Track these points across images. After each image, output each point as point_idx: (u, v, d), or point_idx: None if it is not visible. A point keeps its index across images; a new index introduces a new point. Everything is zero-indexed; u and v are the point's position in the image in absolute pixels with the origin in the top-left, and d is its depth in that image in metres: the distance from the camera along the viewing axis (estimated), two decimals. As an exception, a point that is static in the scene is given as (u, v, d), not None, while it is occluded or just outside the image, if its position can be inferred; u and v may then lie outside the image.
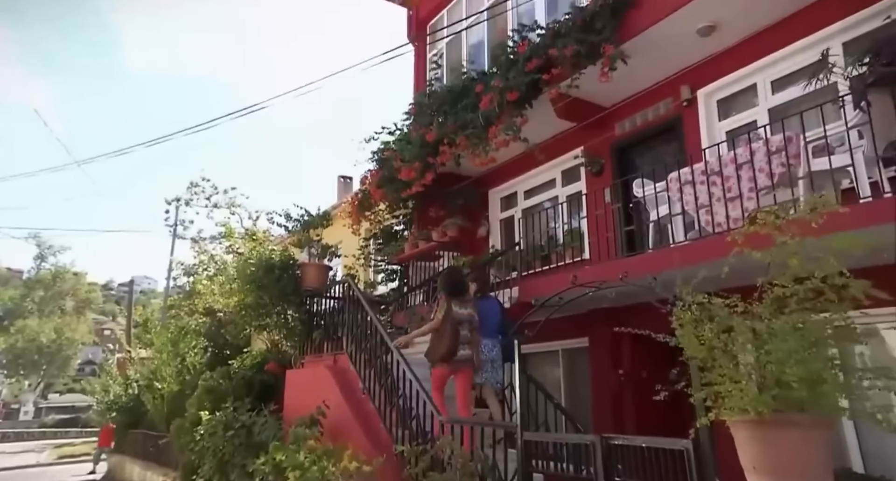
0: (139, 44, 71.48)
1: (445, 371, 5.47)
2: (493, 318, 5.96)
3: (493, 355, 5.87)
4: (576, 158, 8.16)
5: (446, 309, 5.39)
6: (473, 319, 5.55)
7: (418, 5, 10.85)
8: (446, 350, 5.30)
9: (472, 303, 5.67)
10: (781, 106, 5.83)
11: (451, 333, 5.30)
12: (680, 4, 5.75)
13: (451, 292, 5.53)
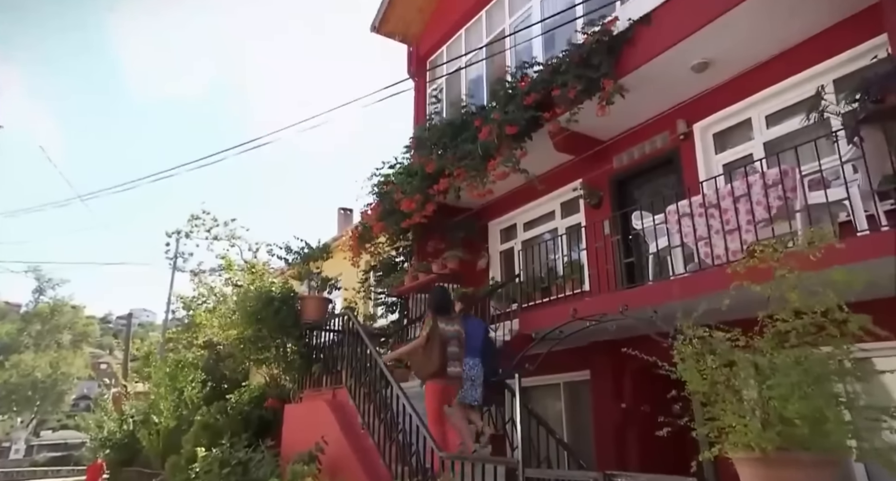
0: (145, 76, 73.11)
1: (440, 385, 5.47)
2: (477, 338, 6.02)
3: (473, 374, 5.88)
4: (575, 190, 8.22)
5: (432, 326, 5.49)
6: (461, 336, 5.65)
7: (418, 42, 11.10)
8: (437, 366, 5.36)
9: (458, 321, 5.78)
10: (776, 140, 5.92)
11: (439, 349, 5.39)
12: (673, 42, 5.89)
13: (437, 309, 5.67)
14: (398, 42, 11.27)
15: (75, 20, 65.04)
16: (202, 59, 74.56)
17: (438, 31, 10.60)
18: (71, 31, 68.28)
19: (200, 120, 72.75)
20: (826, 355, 2.46)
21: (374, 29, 11.10)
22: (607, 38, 6.49)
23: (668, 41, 5.97)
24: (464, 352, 5.63)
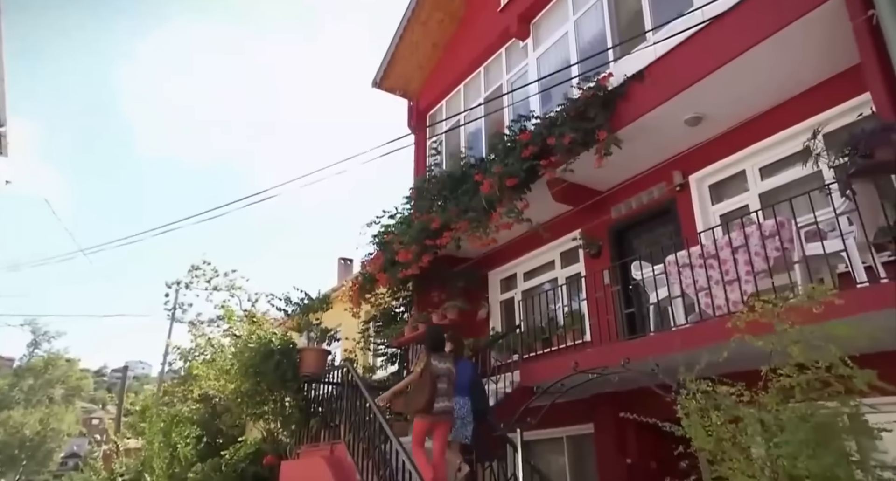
0: (151, 132, 74.49)
1: (425, 423, 5.53)
2: (465, 376, 6.13)
3: (462, 412, 5.96)
4: (574, 240, 8.27)
5: (426, 362, 5.61)
6: (451, 373, 5.78)
7: (418, 97, 11.43)
8: (425, 402, 5.43)
9: (450, 359, 5.93)
10: (771, 191, 6.01)
11: (430, 386, 5.49)
12: (665, 98, 6.07)
13: (431, 347, 5.84)
14: (399, 97, 11.60)
15: (88, 77, 67.14)
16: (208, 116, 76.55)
17: (438, 86, 10.93)
18: (84, 87, 70.41)
19: (204, 176, 73.91)
20: (833, 411, 2.43)
21: (376, 84, 11.45)
22: (602, 93, 6.68)
23: (660, 97, 6.15)
24: (453, 390, 5.77)
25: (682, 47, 6.02)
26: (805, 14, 4.83)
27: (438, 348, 5.87)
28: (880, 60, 4.20)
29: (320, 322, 8.36)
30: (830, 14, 4.74)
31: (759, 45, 5.17)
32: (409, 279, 9.14)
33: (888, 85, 4.12)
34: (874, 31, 4.25)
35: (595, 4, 7.84)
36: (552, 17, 8.69)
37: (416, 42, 10.96)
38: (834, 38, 4.85)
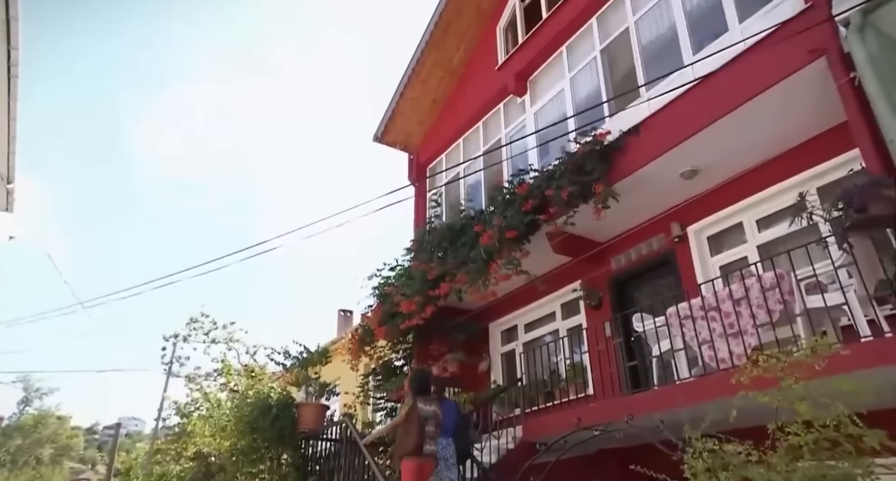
0: (158, 188, 75.38)
1: (416, 463, 5.48)
2: (450, 418, 6.12)
3: (447, 454, 5.90)
4: (574, 291, 8.26)
5: (411, 405, 5.64)
6: (438, 416, 5.79)
7: (419, 151, 11.68)
8: (413, 445, 5.43)
9: (436, 402, 5.96)
10: (770, 243, 6.05)
11: (417, 429, 5.51)
12: (660, 152, 6.21)
13: (417, 390, 5.87)
14: (400, 150, 11.85)
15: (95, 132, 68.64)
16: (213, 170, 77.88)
17: (438, 140, 11.19)
18: (90, 142, 71.95)
19: (207, 228, 74.24)
20: (845, 472, 2.37)
21: (377, 139, 11.72)
22: (599, 147, 6.84)
23: (655, 151, 6.29)
24: (440, 432, 5.76)
25: (675, 104, 6.20)
26: (790, 75, 5.01)
27: (424, 391, 5.92)
28: (866, 119, 4.33)
29: (319, 376, 8.23)
30: (816, 74, 4.91)
31: (749, 103, 5.34)
32: (409, 331, 9.07)
33: (875, 142, 4.23)
34: (858, 91, 4.40)
35: (589, 63, 8.14)
36: (548, 75, 9.00)
37: (417, 98, 11.29)
38: (823, 96, 5.00)
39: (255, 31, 58.90)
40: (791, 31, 5.02)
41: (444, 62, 11.04)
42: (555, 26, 8.74)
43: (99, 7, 47.82)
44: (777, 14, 5.55)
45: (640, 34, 7.38)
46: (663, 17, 7.11)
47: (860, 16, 4.22)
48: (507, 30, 10.36)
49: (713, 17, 6.42)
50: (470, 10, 10.59)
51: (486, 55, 10.48)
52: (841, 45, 4.59)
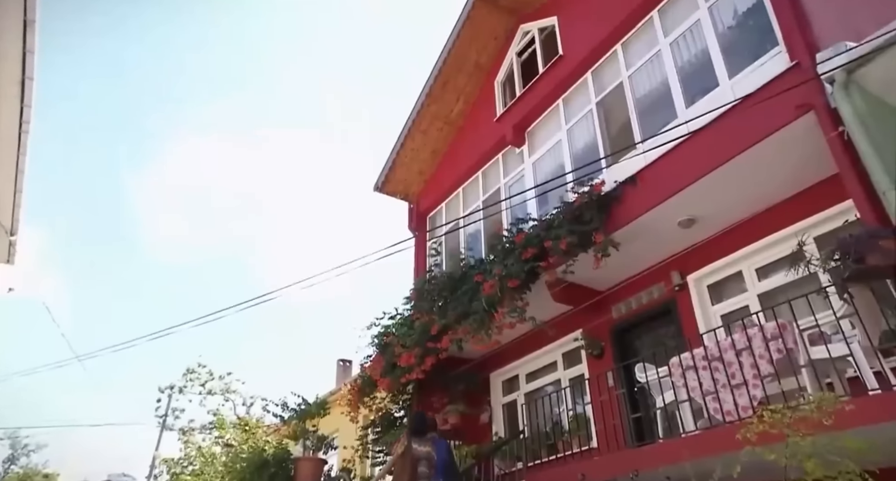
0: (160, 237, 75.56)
1: None
2: (441, 459, 6.20)
3: None
4: (576, 341, 8.19)
5: (406, 445, 5.76)
6: (431, 457, 5.89)
7: (419, 200, 11.82)
8: None
9: (430, 443, 6.07)
10: (770, 292, 6.06)
11: (410, 469, 5.61)
12: (657, 202, 6.30)
13: (413, 430, 6.06)
14: (400, 200, 12.00)
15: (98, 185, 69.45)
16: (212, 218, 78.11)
17: (438, 190, 11.35)
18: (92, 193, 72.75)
19: (207, 278, 73.69)
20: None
21: (378, 188, 11.89)
22: (596, 197, 6.93)
23: (652, 200, 6.38)
24: (433, 473, 5.83)
25: (670, 156, 6.33)
26: (780, 129, 5.15)
27: (420, 432, 6.06)
28: (856, 171, 4.42)
29: (317, 429, 8.06)
30: (806, 128, 5.04)
31: (741, 155, 5.47)
32: (409, 382, 8.94)
33: (868, 193, 4.30)
34: (847, 144, 4.51)
35: (585, 115, 8.35)
36: (546, 127, 9.22)
37: (417, 149, 11.53)
38: (814, 148, 5.09)
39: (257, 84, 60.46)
40: (779, 88, 5.19)
41: (443, 114, 11.32)
42: (551, 80, 9.02)
43: (106, 60, 49.25)
44: (765, 70, 5.76)
45: (634, 88, 7.62)
46: (656, 73, 7.36)
47: (844, 74, 4.38)
48: (505, 83, 10.69)
49: (704, 72, 6.65)
50: (468, 66, 10.95)
51: (484, 107, 10.77)
52: (828, 101, 4.74)
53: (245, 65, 53.88)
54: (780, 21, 5.77)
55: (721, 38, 6.58)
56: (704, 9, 6.81)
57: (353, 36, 53.78)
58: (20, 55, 4.65)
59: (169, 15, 46.35)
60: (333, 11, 52.80)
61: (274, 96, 52.12)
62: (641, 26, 7.71)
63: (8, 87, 4.84)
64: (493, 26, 10.57)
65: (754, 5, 6.30)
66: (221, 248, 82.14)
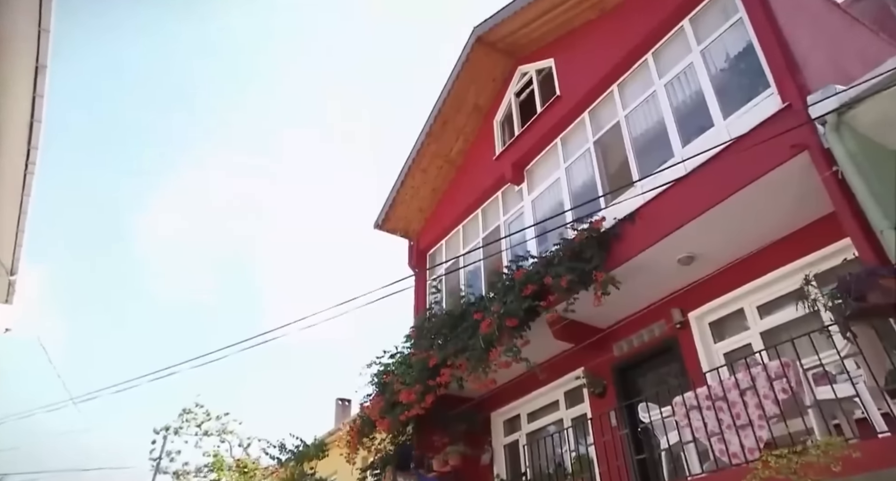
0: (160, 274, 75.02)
1: None
2: None
3: None
4: (577, 379, 8.10)
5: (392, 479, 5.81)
6: None
7: (419, 237, 11.88)
8: None
9: (415, 477, 6.17)
10: (772, 330, 6.02)
11: None
12: (656, 239, 6.32)
13: (399, 465, 6.23)
14: (400, 237, 12.06)
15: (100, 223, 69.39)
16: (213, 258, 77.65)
17: (438, 227, 11.41)
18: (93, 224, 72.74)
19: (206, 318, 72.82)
20: None
21: (378, 226, 11.96)
22: (596, 234, 6.97)
23: (651, 238, 6.40)
24: None
25: (667, 194, 6.39)
26: (775, 168, 5.22)
27: (404, 467, 6.10)
28: (852, 209, 4.46)
29: (315, 471, 7.89)
30: (801, 167, 5.11)
31: (738, 194, 5.52)
32: (409, 421, 8.79)
33: (865, 231, 4.34)
34: (843, 183, 4.57)
35: (583, 154, 8.48)
36: (544, 165, 9.34)
37: (417, 187, 11.65)
38: (810, 187, 5.14)
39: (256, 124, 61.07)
40: (773, 128, 5.29)
41: (443, 152, 11.49)
42: (549, 120, 9.19)
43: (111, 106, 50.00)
44: (759, 111, 5.87)
45: (631, 127, 7.76)
46: (652, 113, 7.51)
47: (835, 116, 4.47)
48: (504, 123, 10.88)
49: (699, 112, 6.78)
50: (468, 106, 11.18)
51: (483, 146, 10.94)
52: (821, 141, 4.82)
53: (249, 123, 54.92)
54: (771, 64, 5.92)
55: (714, 79, 6.75)
56: (697, 52, 7.00)
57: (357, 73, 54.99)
58: (30, 98, 4.76)
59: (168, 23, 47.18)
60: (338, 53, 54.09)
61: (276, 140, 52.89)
62: (636, 68, 7.91)
63: (16, 129, 4.93)
64: (492, 68, 10.84)
65: (745, 49, 6.47)
66: (222, 286, 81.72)
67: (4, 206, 5.52)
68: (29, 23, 4.06)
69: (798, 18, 6.56)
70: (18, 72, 4.59)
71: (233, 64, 50.70)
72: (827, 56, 6.59)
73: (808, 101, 4.88)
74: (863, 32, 8.39)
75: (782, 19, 6.07)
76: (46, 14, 3.94)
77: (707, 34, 7.01)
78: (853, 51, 7.54)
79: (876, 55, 6.97)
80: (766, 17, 6.11)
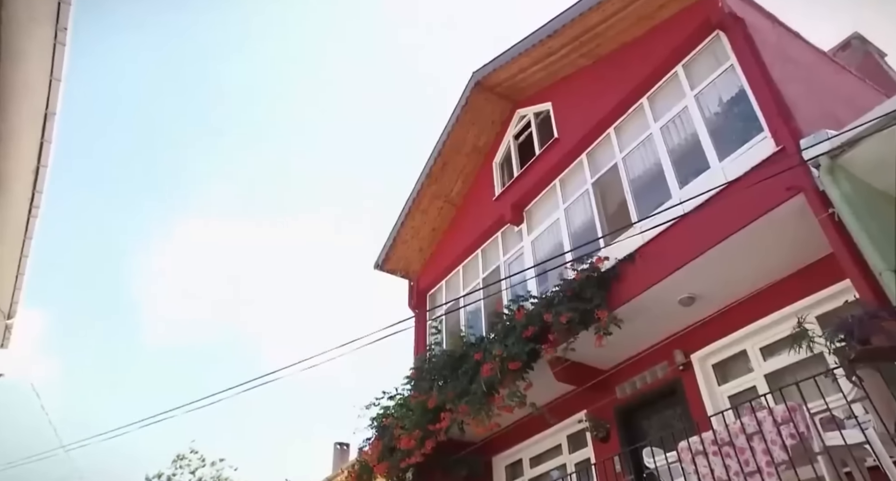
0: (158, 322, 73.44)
1: None
2: None
3: None
4: (580, 422, 7.96)
5: None
6: None
7: (419, 278, 11.88)
8: None
9: None
10: (777, 372, 5.96)
11: None
12: (656, 280, 6.32)
13: None
14: (400, 277, 12.05)
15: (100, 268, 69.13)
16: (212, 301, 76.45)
17: (438, 267, 11.42)
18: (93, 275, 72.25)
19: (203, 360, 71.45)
20: None
21: (378, 266, 11.97)
22: (596, 274, 6.97)
23: (651, 279, 6.40)
24: None
25: (666, 234, 6.43)
26: (772, 209, 5.27)
27: None
28: (850, 251, 4.49)
29: (311, 520, 7.63)
30: (799, 208, 5.17)
31: (736, 235, 5.55)
32: (409, 467, 8.58)
33: (864, 273, 4.35)
34: (840, 224, 4.61)
35: (582, 195, 8.57)
36: (544, 206, 9.43)
37: (417, 227, 11.73)
38: (809, 228, 5.16)
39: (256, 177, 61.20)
40: (768, 169, 5.37)
41: (443, 193, 11.61)
42: (547, 161, 9.33)
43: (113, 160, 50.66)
44: (754, 153, 5.99)
45: (629, 169, 7.87)
46: (648, 155, 7.64)
47: (828, 160, 4.55)
48: (503, 164, 11.05)
49: (695, 154, 6.91)
50: (467, 148, 11.37)
51: (483, 187, 11.07)
52: (816, 183, 4.89)
53: (248, 156, 55.49)
54: (763, 109, 6.07)
55: (709, 123, 6.90)
56: (691, 97, 7.17)
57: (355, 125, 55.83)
58: (37, 144, 4.84)
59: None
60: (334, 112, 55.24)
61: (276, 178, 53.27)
62: (632, 112, 8.09)
63: (23, 173, 5.00)
64: (491, 111, 11.07)
65: (737, 94, 6.65)
66: (220, 328, 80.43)
67: (6, 250, 5.54)
68: (41, 71, 4.17)
69: (787, 65, 6.76)
70: (28, 118, 4.68)
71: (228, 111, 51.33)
72: (817, 101, 6.75)
73: (802, 145, 4.97)
74: (850, 79, 8.63)
75: (772, 66, 6.26)
76: (59, 64, 4.05)
77: (700, 80, 7.21)
78: (842, 97, 7.73)
79: (864, 101, 7.16)
80: (756, 63, 6.30)
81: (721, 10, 6.73)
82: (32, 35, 3.79)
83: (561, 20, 8.60)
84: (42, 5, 3.64)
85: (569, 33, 8.78)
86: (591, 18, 8.36)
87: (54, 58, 4.02)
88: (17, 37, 3.79)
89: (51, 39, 3.89)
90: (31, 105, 4.54)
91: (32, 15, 3.66)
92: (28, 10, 3.63)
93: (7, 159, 4.88)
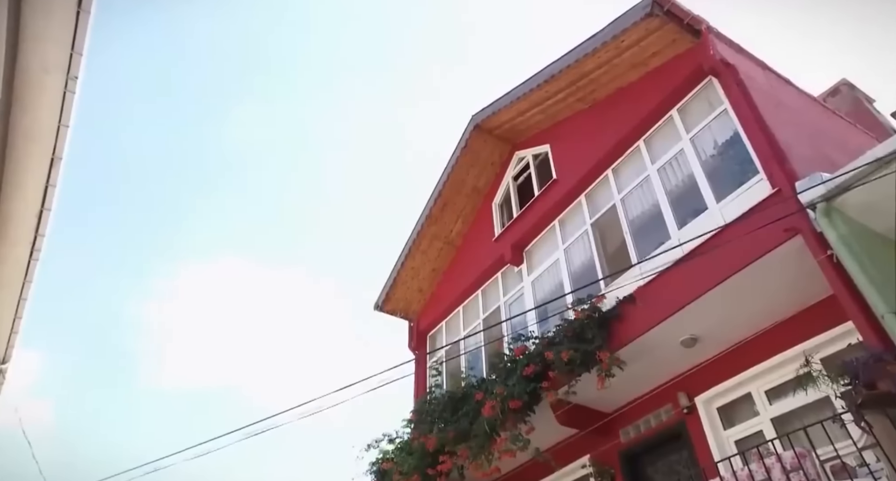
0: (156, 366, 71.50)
1: None
2: None
3: None
4: (584, 467, 7.77)
5: None
6: None
7: (419, 318, 11.80)
8: None
9: None
10: (784, 416, 5.85)
11: None
12: (656, 321, 6.28)
13: None
14: (400, 318, 11.98)
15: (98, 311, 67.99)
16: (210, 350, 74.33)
17: (438, 308, 11.36)
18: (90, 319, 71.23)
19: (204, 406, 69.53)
20: None
21: (378, 307, 11.91)
22: (597, 314, 6.93)
23: (652, 320, 6.36)
24: None
25: (667, 274, 6.41)
26: (770, 251, 5.29)
27: None
28: (851, 293, 4.48)
29: None
30: (797, 250, 5.18)
31: (735, 277, 5.55)
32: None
33: (866, 315, 4.33)
34: (839, 265, 4.61)
35: (581, 235, 8.61)
36: (543, 246, 9.45)
37: (417, 267, 11.73)
38: (808, 270, 5.16)
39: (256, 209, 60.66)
40: (765, 211, 5.41)
41: (443, 234, 11.66)
42: (546, 202, 9.41)
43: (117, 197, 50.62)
44: (750, 195, 6.05)
45: (627, 210, 7.93)
46: (647, 196, 7.70)
47: (824, 203, 4.60)
48: (503, 205, 11.14)
49: (692, 196, 6.97)
50: (467, 189, 11.48)
51: (482, 228, 11.12)
52: (813, 225, 4.92)
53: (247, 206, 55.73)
54: (757, 151, 6.17)
55: (705, 165, 7.00)
56: (686, 140, 7.30)
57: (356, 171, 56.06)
58: (42, 188, 4.90)
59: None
60: (337, 136, 55.76)
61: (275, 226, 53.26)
62: (629, 154, 8.21)
63: (26, 216, 5.03)
64: (490, 153, 11.24)
65: (732, 137, 6.77)
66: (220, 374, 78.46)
67: (4, 293, 5.53)
68: (51, 119, 4.25)
69: (780, 109, 6.90)
70: (34, 161, 4.75)
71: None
72: (810, 144, 6.86)
73: (798, 188, 5.03)
74: (840, 123, 8.81)
75: (764, 110, 6.39)
76: (68, 111, 4.14)
77: (695, 123, 7.35)
78: (834, 140, 7.87)
79: (855, 144, 7.30)
80: (749, 107, 6.43)
81: (712, 58, 6.92)
82: (45, 86, 3.88)
83: (558, 66, 8.83)
84: (54, 56, 3.74)
85: (565, 78, 8.99)
86: (586, 65, 8.58)
87: (63, 105, 4.11)
88: (29, 87, 3.89)
89: (61, 89, 3.99)
90: (39, 149, 4.61)
91: (45, 66, 3.76)
92: (41, 62, 3.74)
93: (12, 200, 4.92)
